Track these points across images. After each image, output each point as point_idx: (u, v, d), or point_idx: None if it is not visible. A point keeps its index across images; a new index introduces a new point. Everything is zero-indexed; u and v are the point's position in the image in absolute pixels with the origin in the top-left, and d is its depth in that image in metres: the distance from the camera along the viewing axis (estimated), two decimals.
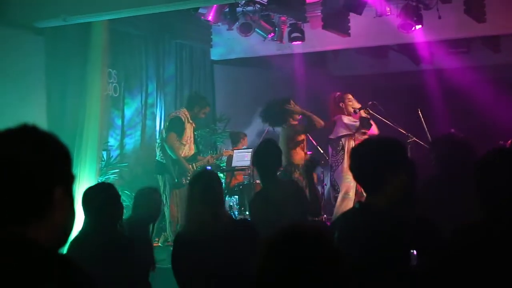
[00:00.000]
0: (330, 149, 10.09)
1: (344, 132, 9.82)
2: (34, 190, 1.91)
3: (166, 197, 9.76)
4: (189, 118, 9.88)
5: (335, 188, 9.79)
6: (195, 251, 4.70)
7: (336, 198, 9.69)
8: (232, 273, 4.44)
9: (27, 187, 1.90)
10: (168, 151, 9.73)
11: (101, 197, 4.95)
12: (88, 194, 5.00)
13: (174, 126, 9.75)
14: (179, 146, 9.84)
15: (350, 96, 10.10)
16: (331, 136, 9.95)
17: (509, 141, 8.54)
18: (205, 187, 4.84)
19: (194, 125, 10.11)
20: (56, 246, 2.00)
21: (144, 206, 6.44)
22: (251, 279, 2.08)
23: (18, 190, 1.89)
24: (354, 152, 3.71)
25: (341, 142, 9.82)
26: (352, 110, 9.94)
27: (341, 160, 9.74)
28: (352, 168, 3.65)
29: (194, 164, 10.08)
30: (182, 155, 9.86)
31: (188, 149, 9.93)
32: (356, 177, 3.66)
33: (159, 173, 9.89)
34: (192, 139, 10.05)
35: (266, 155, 5.97)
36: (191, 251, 4.75)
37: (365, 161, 3.54)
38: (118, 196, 5.17)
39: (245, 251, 4.19)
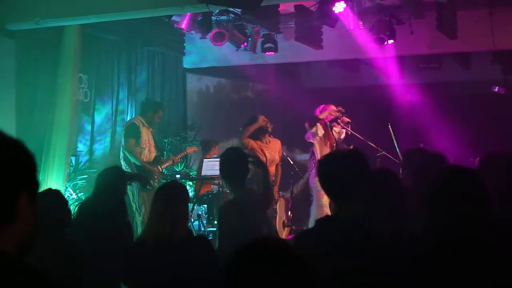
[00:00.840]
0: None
1: (310, 139, 10.02)
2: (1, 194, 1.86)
3: (136, 206, 9.69)
4: (144, 123, 9.84)
5: (310, 189, 9.94)
6: (149, 261, 4.67)
7: (311, 202, 9.85)
8: (184, 285, 4.42)
9: None
10: (131, 158, 9.66)
11: (47, 202, 4.79)
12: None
13: (130, 132, 9.72)
14: (140, 150, 9.78)
15: (333, 108, 10.23)
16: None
17: (478, 159, 8.58)
18: (167, 199, 4.82)
19: (151, 129, 10.07)
20: (20, 256, 1.93)
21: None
22: None
23: None
24: (321, 164, 3.74)
25: (312, 148, 10.00)
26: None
27: (312, 166, 9.87)
28: (320, 179, 3.68)
29: (159, 166, 10.02)
30: (144, 159, 9.83)
31: (148, 152, 9.86)
32: (324, 189, 3.68)
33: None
34: (151, 142, 9.99)
35: (233, 163, 5.91)
36: (144, 261, 4.71)
37: (332, 173, 3.60)
38: (66, 202, 5.17)
39: (198, 265, 4.21)
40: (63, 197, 5.23)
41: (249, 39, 11.69)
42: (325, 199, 9.40)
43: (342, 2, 9.41)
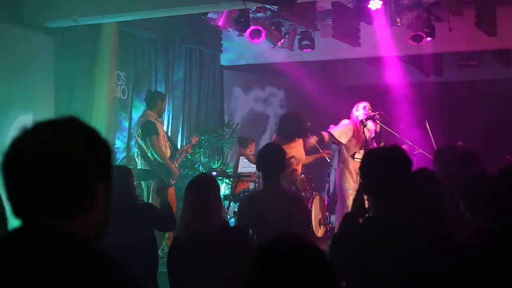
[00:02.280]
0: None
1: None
2: (81, 184, 1.90)
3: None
4: (157, 118, 9.67)
5: (335, 192, 9.84)
6: (188, 255, 4.69)
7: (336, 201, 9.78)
8: (222, 279, 4.41)
9: (76, 181, 1.88)
10: (157, 157, 9.43)
11: None
12: None
13: (151, 130, 9.37)
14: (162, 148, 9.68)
15: (364, 104, 10.00)
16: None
17: None
18: (198, 191, 4.83)
19: (162, 122, 9.92)
20: (95, 240, 1.98)
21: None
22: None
23: (66, 183, 1.86)
24: (365, 160, 3.70)
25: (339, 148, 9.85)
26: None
27: (341, 163, 9.74)
28: (362, 176, 3.66)
29: (175, 161, 9.90)
30: None
31: (164, 148, 9.69)
32: (365, 185, 3.65)
33: (143, 179, 9.59)
34: (165, 136, 9.85)
35: (270, 157, 5.87)
36: (183, 255, 4.73)
37: (375, 170, 3.56)
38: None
39: (236, 258, 4.19)
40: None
41: (286, 36, 11.68)
42: (351, 200, 9.29)
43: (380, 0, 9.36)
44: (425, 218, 3.71)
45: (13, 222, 2.01)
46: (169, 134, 10.88)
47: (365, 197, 3.82)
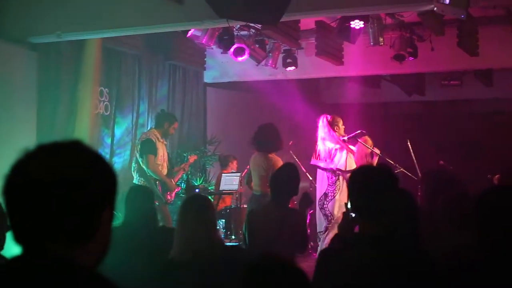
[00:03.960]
0: (329, 177, 9.92)
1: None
2: (87, 212, 1.87)
3: None
4: (159, 137, 9.72)
5: (328, 218, 9.70)
6: (190, 276, 4.64)
7: (327, 228, 9.64)
8: None
9: (82, 208, 1.85)
10: (152, 175, 9.50)
11: None
12: None
13: (149, 148, 9.42)
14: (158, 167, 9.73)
15: (341, 120, 10.08)
16: (332, 166, 9.82)
17: (497, 176, 8.56)
18: (198, 210, 4.83)
19: (165, 142, 10.00)
20: (95, 267, 1.95)
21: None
22: None
23: (72, 211, 1.83)
24: (352, 179, 3.72)
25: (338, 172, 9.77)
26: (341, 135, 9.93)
27: (337, 191, 9.69)
28: (351, 195, 3.68)
29: (172, 179, 9.95)
30: None
31: (161, 168, 9.75)
32: (354, 204, 3.67)
33: None
34: (165, 156, 9.88)
35: (288, 178, 5.91)
36: (185, 276, 4.69)
37: (363, 189, 3.57)
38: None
39: (235, 274, 4.16)
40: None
41: (270, 54, 11.71)
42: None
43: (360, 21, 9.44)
44: (403, 237, 3.75)
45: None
46: None
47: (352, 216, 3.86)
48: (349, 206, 3.85)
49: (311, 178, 11.96)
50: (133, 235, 5.55)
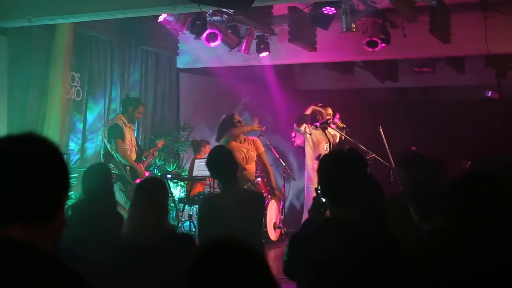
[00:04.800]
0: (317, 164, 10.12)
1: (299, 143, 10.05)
2: (50, 194, 1.98)
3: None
4: (126, 123, 9.79)
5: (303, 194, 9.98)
6: (135, 259, 4.61)
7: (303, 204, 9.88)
8: (167, 284, 4.38)
9: (45, 192, 1.97)
10: (121, 160, 9.58)
11: None
12: None
13: (116, 133, 9.59)
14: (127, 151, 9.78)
15: (329, 110, 10.36)
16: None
17: (469, 162, 8.59)
18: (149, 194, 4.82)
19: (133, 127, 10.07)
20: (53, 249, 2.02)
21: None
22: None
23: (37, 193, 1.94)
24: (321, 164, 3.72)
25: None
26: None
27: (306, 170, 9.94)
28: (320, 180, 3.68)
29: (142, 163, 10.02)
30: None
31: (129, 152, 9.82)
32: (323, 188, 3.67)
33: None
34: (133, 141, 9.97)
35: (222, 160, 5.87)
36: (130, 258, 4.68)
37: (333, 173, 3.58)
38: None
39: (180, 264, 4.15)
40: None
41: (243, 40, 11.67)
42: None
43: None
44: (372, 222, 3.76)
45: None
46: None
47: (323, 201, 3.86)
48: (319, 191, 3.85)
49: (284, 164, 12.03)
50: (89, 211, 5.64)
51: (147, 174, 10.15)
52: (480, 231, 3.26)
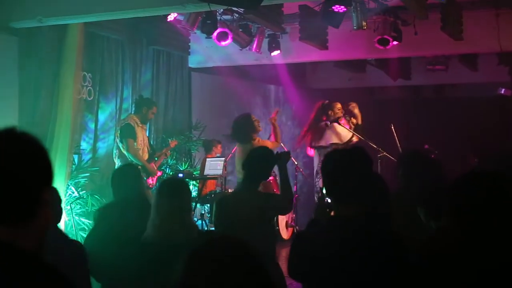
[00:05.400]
0: (318, 157, 10.17)
1: (335, 140, 9.98)
2: (26, 193, 1.92)
3: None
4: (139, 123, 9.87)
5: (318, 193, 9.91)
6: (160, 258, 4.62)
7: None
8: None
9: (20, 190, 1.91)
10: (133, 160, 9.65)
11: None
12: None
13: (128, 133, 9.72)
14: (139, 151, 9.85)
15: (339, 105, 10.31)
16: (322, 143, 10.07)
17: (476, 159, 8.58)
18: (173, 193, 4.81)
19: (145, 127, 10.14)
20: (39, 248, 1.98)
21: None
22: None
23: (10, 193, 1.89)
24: (323, 163, 3.70)
25: (329, 150, 9.91)
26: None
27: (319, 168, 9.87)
28: (324, 177, 3.67)
29: (154, 163, 10.09)
30: None
31: (142, 152, 9.90)
32: (327, 187, 3.66)
33: None
34: (145, 141, 10.06)
35: (260, 161, 5.86)
36: (155, 257, 4.69)
37: (334, 171, 3.57)
38: (60, 200, 5.03)
39: None
40: (59, 196, 5.08)
41: (254, 39, 11.66)
42: None
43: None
44: (376, 220, 3.74)
45: None
46: None
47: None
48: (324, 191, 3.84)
49: (296, 163, 12.02)
50: (124, 213, 5.58)
51: (159, 173, 10.20)
52: (482, 230, 3.21)
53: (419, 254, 3.42)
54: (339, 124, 10.30)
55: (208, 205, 10.92)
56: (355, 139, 10.26)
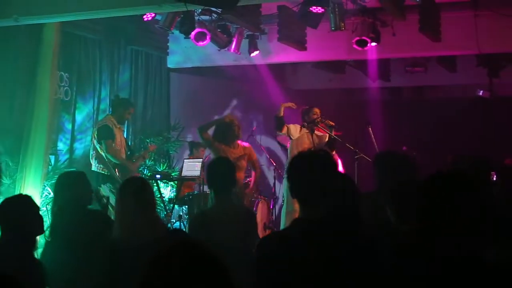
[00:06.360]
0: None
1: (308, 144, 10.04)
2: None
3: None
4: (116, 124, 9.80)
5: (282, 198, 9.90)
6: (130, 258, 4.58)
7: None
8: None
9: None
10: (112, 160, 9.59)
11: (19, 209, 4.62)
12: (5, 207, 4.70)
13: (106, 134, 9.63)
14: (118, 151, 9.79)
15: (316, 110, 10.31)
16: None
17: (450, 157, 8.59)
18: (135, 192, 4.77)
19: (122, 129, 10.09)
20: None
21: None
22: None
23: None
24: (290, 164, 3.68)
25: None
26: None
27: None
28: (289, 180, 3.63)
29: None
30: None
31: (119, 153, 9.83)
32: (292, 190, 3.62)
33: (102, 183, 9.57)
34: (123, 142, 9.98)
35: (222, 172, 5.70)
36: (126, 258, 4.64)
37: (301, 174, 3.53)
38: (37, 208, 4.84)
39: None
40: (35, 203, 4.85)
41: (232, 39, 11.62)
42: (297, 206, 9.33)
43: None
44: (343, 221, 3.72)
45: None
46: None
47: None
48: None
49: (274, 164, 12.00)
50: (66, 222, 5.45)
51: (137, 175, 10.12)
52: (443, 231, 3.23)
53: (387, 255, 3.41)
54: (313, 128, 10.33)
55: (186, 206, 10.84)
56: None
